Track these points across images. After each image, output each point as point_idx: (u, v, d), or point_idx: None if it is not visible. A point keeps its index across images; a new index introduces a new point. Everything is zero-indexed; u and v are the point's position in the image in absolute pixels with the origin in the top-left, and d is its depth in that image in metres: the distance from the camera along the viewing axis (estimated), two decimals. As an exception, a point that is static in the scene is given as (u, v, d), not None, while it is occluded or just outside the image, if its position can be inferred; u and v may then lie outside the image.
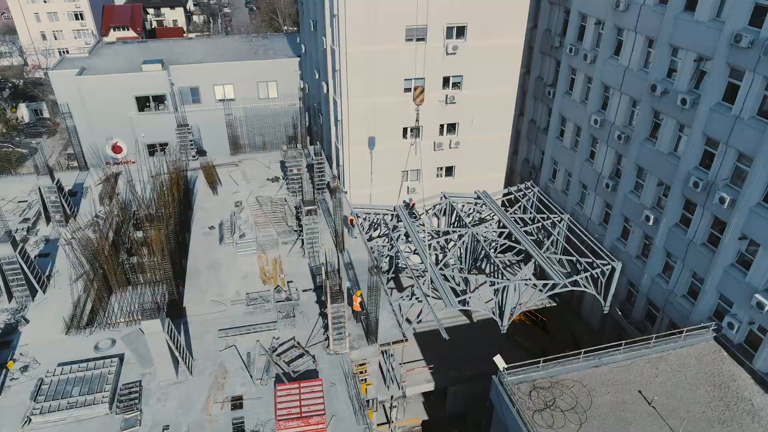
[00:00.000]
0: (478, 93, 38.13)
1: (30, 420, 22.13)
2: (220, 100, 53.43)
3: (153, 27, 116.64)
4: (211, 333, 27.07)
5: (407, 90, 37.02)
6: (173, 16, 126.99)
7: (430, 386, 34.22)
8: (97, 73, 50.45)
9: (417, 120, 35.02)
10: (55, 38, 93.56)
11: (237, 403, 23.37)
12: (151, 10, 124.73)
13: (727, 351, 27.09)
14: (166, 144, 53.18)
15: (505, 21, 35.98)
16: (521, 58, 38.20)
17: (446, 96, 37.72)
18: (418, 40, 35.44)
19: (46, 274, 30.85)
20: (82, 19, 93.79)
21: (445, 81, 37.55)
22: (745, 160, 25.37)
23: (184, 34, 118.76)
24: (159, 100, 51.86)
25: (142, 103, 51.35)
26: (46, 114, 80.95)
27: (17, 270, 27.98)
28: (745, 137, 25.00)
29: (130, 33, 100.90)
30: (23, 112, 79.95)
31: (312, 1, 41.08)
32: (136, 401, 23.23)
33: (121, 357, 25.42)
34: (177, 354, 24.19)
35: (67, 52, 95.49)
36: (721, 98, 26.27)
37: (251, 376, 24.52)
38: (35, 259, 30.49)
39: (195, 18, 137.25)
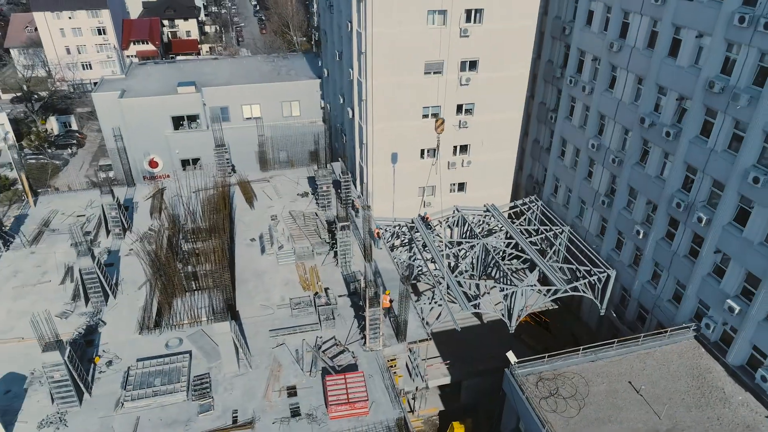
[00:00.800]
0: (488, 118, 42.67)
1: (123, 404, 26.66)
2: (248, 118, 58.12)
3: (169, 40, 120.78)
4: (263, 333, 31.60)
5: (425, 116, 41.60)
6: (187, 27, 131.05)
7: (446, 380, 38.66)
8: (136, 95, 54.98)
9: (438, 146, 39.59)
10: (79, 52, 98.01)
11: (292, 391, 27.92)
12: (165, 22, 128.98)
13: (705, 348, 31.65)
14: (198, 159, 57.98)
15: (512, 55, 40.50)
16: (526, 87, 42.79)
17: (459, 121, 42.24)
18: (435, 72, 39.98)
19: (114, 281, 35.35)
20: (104, 33, 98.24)
21: (459, 108, 42.05)
22: (718, 186, 29.92)
23: (199, 45, 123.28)
24: (192, 118, 56.39)
25: (177, 121, 55.86)
26: (74, 126, 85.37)
27: (95, 279, 32.52)
28: (718, 166, 29.56)
29: (149, 46, 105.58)
30: (53, 124, 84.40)
31: (338, 34, 45.56)
32: (208, 390, 27.78)
33: (189, 353, 29.93)
34: (240, 350, 28.74)
35: (90, 66, 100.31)
36: (699, 132, 30.83)
37: (302, 369, 29.06)
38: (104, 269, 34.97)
39: (207, 28, 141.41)
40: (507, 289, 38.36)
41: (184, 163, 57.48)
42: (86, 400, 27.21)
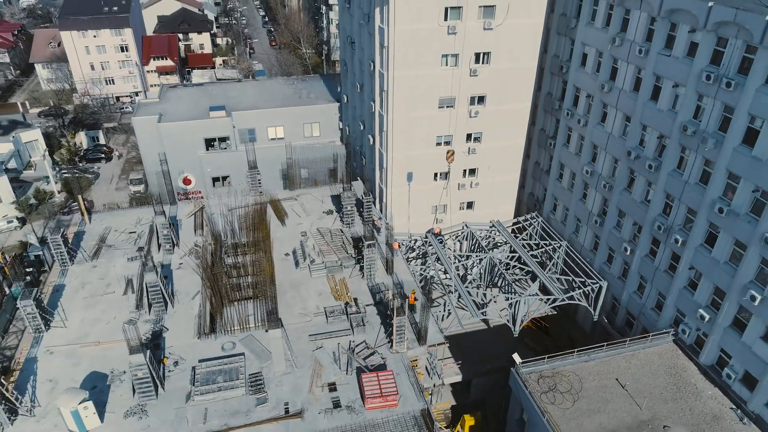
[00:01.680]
0: (494, 145, 48.01)
1: (193, 398, 31.94)
2: (272, 139, 63.52)
3: (186, 55, 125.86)
4: (303, 337, 36.83)
5: (438, 144, 46.97)
6: (200, 40, 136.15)
7: (458, 377, 43.96)
8: (171, 118, 60.50)
9: (448, 172, 44.92)
10: (103, 68, 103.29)
11: (332, 387, 33.17)
12: (180, 36, 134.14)
13: (681, 350, 36.99)
14: (228, 176, 63.37)
15: (515, 91, 45.84)
16: (528, 117, 48.14)
17: (468, 148, 47.59)
18: (448, 106, 45.34)
19: (169, 292, 40.60)
20: (126, 50, 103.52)
21: (468, 136, 47.41)
22: (692, 213, 35.25)
23: (213, 59, 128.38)
24: (222, 139, 61.78)
25: (209, 142, 61.26)
26: (102, 140, 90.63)
27: (157, 290, 37.79)
28: (691, 197, 34.90)
29: (168, 62, 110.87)
30: (82, 138, 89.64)
31: (359, 68, 50.88)
32: (262, 386, 33.05)
33: (242, 355, 35.19)
34: (287, 352, 34.05)
35: (113, 81, 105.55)
36: (676, 166, 36.16)
37: (339, 368, 34.33)
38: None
39: (219, 40, 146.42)
40: (511, 297, 43.69)
41: (215, 180, 62.92)
42: (161, 394, 32.45)
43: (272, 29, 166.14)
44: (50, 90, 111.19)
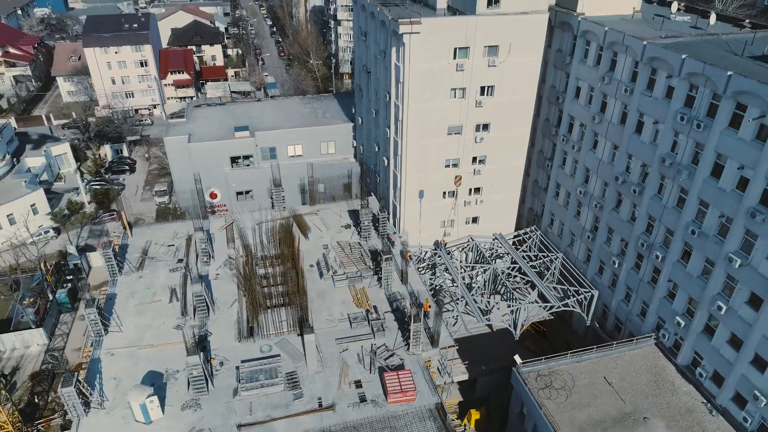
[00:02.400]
0: (497, 166, 53.25)
1: (239, 393, 37.14)
2: (292, 156, 68.78)
3: (200, 68, 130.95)
4: (331, 341, 41.98)
5: (447, 167, 52.19)
6: (212, 52, 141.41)
7: (465, 376, 49.21)
8: (200, 138, 65.85)
9: (456, 192, 50.13)
10: (123, 82, 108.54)
11: (358, 383, 38.32)
12: (192, 47, 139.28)
13: (662, 352, 42.23)
14: (251, 191, 68.63)
15: (516, 119, 51.07)
16: (528, 142, 53.34)
17: (474, 169, 52.81)
18: (456, 133, 50.57)
19: (209, 300, 45.76)
20: (146, 65, 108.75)
21: (474, 159, 52.63)
22: (670, 233, 40.47)
23: (226, 70, 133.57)
24: (246, 157, 67.03)
25: (234, 160, 66.51)
26: (125, 153, 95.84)
27: (202, 299, 42.99)
28: (669, 219, 40.13)
29: (184, 76, 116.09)
30: (106, 150, 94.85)
31: (374, 96, 56.08)
32: (298, 383, 38.24)
33: (278, 356, 40.37)
34: (319, 353, 39.27)
35: (132, 95, 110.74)
36: (656, 192, 41.40)
37: (363, 368, 39.52)
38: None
39: (230, 51, 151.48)
40: (512, 304, 48.92)
41: (238, 194, 68.17)
42: (211, 390, 37.65)
43: (280, 39, 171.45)
44: (72, 102, 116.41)
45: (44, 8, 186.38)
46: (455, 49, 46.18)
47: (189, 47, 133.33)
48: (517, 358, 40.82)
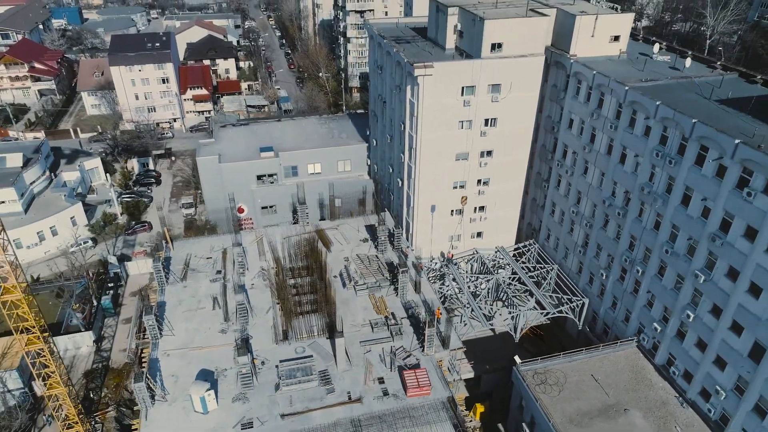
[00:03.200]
0: (498, 187, 59.79)
1: (280, 388, 43.67)
2: (311, 174, 75.34)
3: (216, 82, 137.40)
4: (356, 343, 48.44)
5: (455, 188, 58.74)
6: (225, 65, 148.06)
7: (471, 374, 55.61)
8: (229, 158, 72.35)
9: (462, 210, 56.69)
10: (146, 98, 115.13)
11: (381, 380, 44.78)
12: (206, 62, 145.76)
13: (642, 353, 48.76)
14: (274, 205, 75.13)
15: (516, 145, 57.62)
16: (526, 166, 59.88)
17: (479, 190, 59.37)
18: (462, 159, 57.11)
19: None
20: (167, 82, 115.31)
21: (479, 181, 59.17)
22: (648, 251, 47.02)
23: (241, 83, 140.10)
24: (270, 175, 73.57)
25: (259, 177, 73.05)
26: (151, 166, 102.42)
27: (243, 306, 49.51)
28: (647, 239, 46.68)
29: (203, 91, 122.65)
30: (133, 164, 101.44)
31: (389, 123, 62.61)
32: (329, 379, 44.74)
33: (311, 356, 46.85)
34: (347, 354, 45.80)
35: (154, 109, 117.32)
36: (637, 215, 47.95)
37: (385, 366, 46.02)
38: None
39: (242, 64, 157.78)
40: (513, 310, 55.45)
41: (263, 208, 74.73)
42: (255, 385, 44.13)
43: (289, 52, 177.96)
44: (96, 115, 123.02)
45: (60, 19, 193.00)
46: (463, 87, 52.75)
47: (204, 61, 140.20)
48: (516, 358, 47.39)
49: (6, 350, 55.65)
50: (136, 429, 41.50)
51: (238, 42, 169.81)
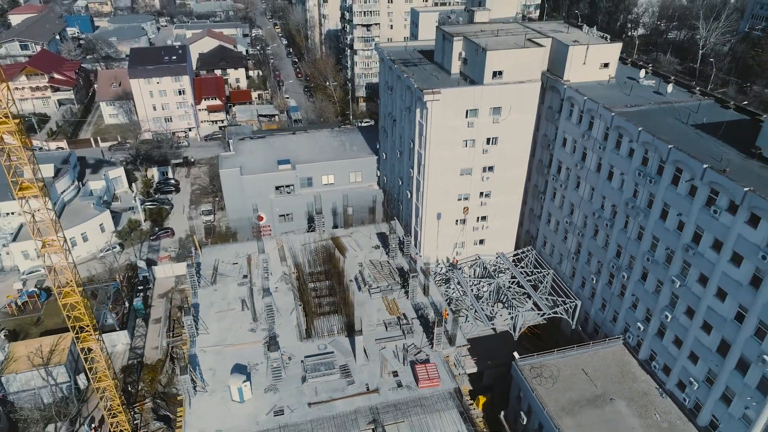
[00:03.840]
0: (499, 199, 65.55)
1: (306, 380, 49.41)
2: (325, 184, 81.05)
3: (229, 92, 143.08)
4: (371, 341, 54.15)
5: (459, 200, 64.52)
6: (236, 75, 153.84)
7: (474, 369, 61.43)
8: (249, 170, 77.98)
9: (465, 219, 62.47)
10: (163, 109, 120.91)
11: (395, 373, 50.49)
12: (218, 71, 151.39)
13: (628, 349, 54.54)
14: (290, 213, 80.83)
15: (515, 162, 63.39)
16: (525, 180, 65.66)
17: (481, 202, 65.16)
18: (466, 174, 62.88)
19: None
20: (183, 93, 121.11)
21: (481, 194, 64.94)
22: (633, 259, 52.81)
23: (251, 92, 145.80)
24: (287, 185, 79.27)
25: (277, 188, 78.75)
26: (170, 174, 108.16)
27: (271, 308, 55.26)
28: (632, 249, 52.47)
29: (217, 101, 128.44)
30: (154, 172, 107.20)
31: (398, 139, 68.37)
32: (349, 372, 50.48)
33: (332, 352, 52.57)
34: (365, 350, 51.57)
35: (171, 119, 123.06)
36: (623, 227, 53.74)
37: (399, 361, 51.75)
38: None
39: (251, 73, 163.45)
40: (512, 311, 61.21)
41: (281, 216, 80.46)
42: (283, 378, 49.87)
43: (296, 60, 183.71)
44: (113, 124, 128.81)
45: (72, 27, 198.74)
46: (467, 110, 58.52)
47: (216, 71, 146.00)
48: (515, 354, 53.19)
49: (53, 347, 61.32)
50: (181, 416, 47.18)
51: (247, 51, 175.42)
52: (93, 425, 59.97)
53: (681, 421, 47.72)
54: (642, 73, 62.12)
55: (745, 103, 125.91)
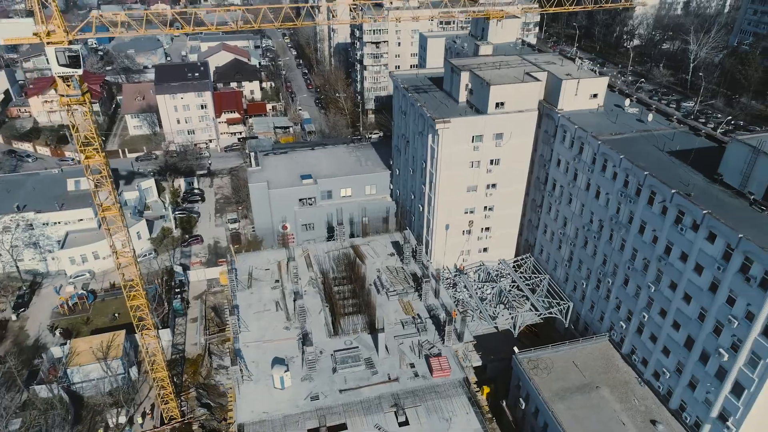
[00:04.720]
0: (501, 212, 73.98)
1: (336, 371, 57.77)
2: (343, 197, 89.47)
3: (246, 105, 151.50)
4: (391, 337, 62.46)
5: (465, 213, 72.95)
6: (250, 87, 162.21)
7: (479, 363, 69.63)
8: (275, 185, 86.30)
9: (471, 230, 70.90)
10: (186, 122, 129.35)
11: (412, 365, 58.77)
12: (234, 84, 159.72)
13: (612, 345, 62.96)
14: (312, 223, 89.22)
15: (515, 180, 71.82)
16: (524, 195, 74.07)
17: (485, 215, 73.59)
18: (472, 191, 71.30)
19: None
20: (205, 108, 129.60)
21: (485, 207, 73.38)
22: (616, 267, 61.19)
23: (266, 104, 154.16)
24: (309, 198, 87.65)
25: (300, 200, 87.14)
26: (196, 185, 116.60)
27: (303, 310, 63.62)
28: (615, 258, 60.86)
29: (236, 114, 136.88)
30: (180, 182, 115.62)
31: (411, 159, 76.80)
32: (373, 364, 58.82)
33: (358, 347, 60.89)
34: (386, 346, 59.98)
35: (193, 132, 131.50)
36: (608, 239, 62.13)
37: (415, 354, 60.10)
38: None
39: (264, 85, 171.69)
40: (512, 312, 69.61)
41: (303, 226, 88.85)
42: (316, 369, 58.21)
43: (306, 72, 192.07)
44: (138, 136, 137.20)
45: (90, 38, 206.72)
46: (473, 136, 66.94)
47: (232, 84, 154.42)
48: (515, 349, 61.64)
49: (110, 343, 69.81)
50: (232, 401, 55.51)
51: (260, 63, 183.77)
52: (145, 411, 68.48)
53: (656, 405, 56.13)
54: (627, 101, 70.52)
55: (730, 118, 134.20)
